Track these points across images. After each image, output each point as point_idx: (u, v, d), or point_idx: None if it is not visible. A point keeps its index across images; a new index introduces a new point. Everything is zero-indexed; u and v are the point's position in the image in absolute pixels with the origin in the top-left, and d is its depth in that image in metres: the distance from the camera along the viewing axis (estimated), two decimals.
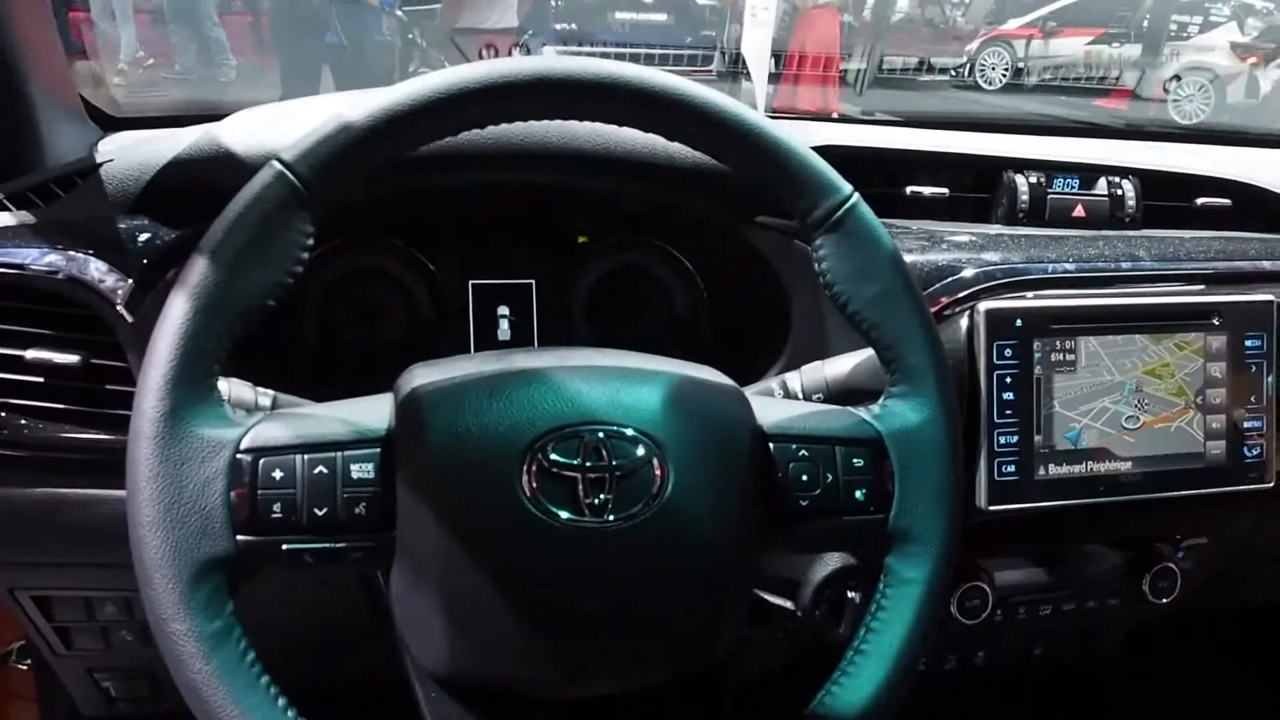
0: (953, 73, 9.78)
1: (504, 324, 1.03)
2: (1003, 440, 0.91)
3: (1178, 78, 8.63)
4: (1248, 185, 1.09)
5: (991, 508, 0.91)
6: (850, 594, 0.95)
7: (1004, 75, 9.81)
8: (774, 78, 6.84)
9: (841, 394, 0.82)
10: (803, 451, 0.70)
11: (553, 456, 0.62)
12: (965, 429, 0.90)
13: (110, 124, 1.09)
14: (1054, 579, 1.05)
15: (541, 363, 0.67)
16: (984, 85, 9.56)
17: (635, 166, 0.87)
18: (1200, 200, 1.08)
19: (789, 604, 0.83)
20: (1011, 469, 0.92)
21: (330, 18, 5.89)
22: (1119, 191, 1.04)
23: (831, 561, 0.96)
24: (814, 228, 0.70)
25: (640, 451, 0.63)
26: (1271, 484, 0.99)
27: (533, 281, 1.03)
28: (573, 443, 0.63)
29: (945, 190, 1.00)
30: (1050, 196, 1.02)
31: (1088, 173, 1.04)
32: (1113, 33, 9.81)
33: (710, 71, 7.36)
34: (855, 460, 0.70)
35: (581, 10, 7.75)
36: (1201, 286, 0.99)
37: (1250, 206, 1.10)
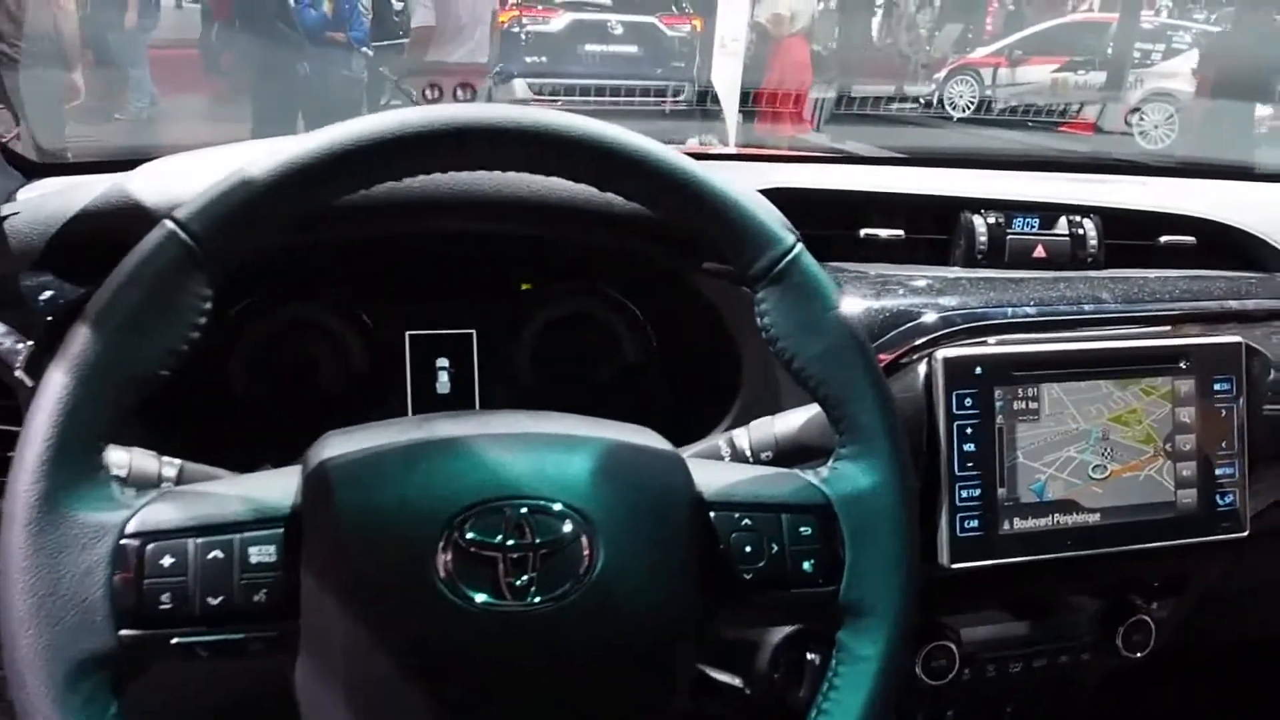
0: (921, 101, 9.86)
1: (443, 376, 0.98)
2: (965, 494, 0.87)
3: (1138, 110, 8.72)
4: (1211, 222, 1.06)
5: (955, 565, 0.87)
6: (810, 656, 0.91)
7: (971, 104, 9.90)
8: (748, 114, 6.87)
9: (792, 451, 0.77)
10: (746, 520, 0.65)
11: (470, 535, 0.57)
12: (925, 482, 0.86)
13: (34, 170, 1.04)
14: (1024, 635, 1.00)
15: (464, 430, 0.63)
16: (951, 114, 9.63)
17: (571, 214, 0.82)
18: (1164, 238, 1.05)
19: (737, 681, 0.78)
20: (975, 524, 0.88)
21: (298, 53, 5.86)
22: (1080, 231, 1.01)
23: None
24: (755, 280, 0.66)
25: (567, 527, 0.59)
26: (1246, 533, 0.95)
27: (473, 332, 0.99)
28: (494, 519, 0.58)
29: (901, 232, 0.96)
30: (1010, 237, 0.99)
31: (1048, 212, 1.01)
32: (1078, 60, 9.93)
33: (681, 103, 7.37)
34: (802, 528, 0.66)
35: (551, 43, 7.75)
36: (1168, 328, 0.96)
37: (1215, 244, 1.07)
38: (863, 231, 0.95)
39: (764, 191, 0.92)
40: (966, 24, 12.14)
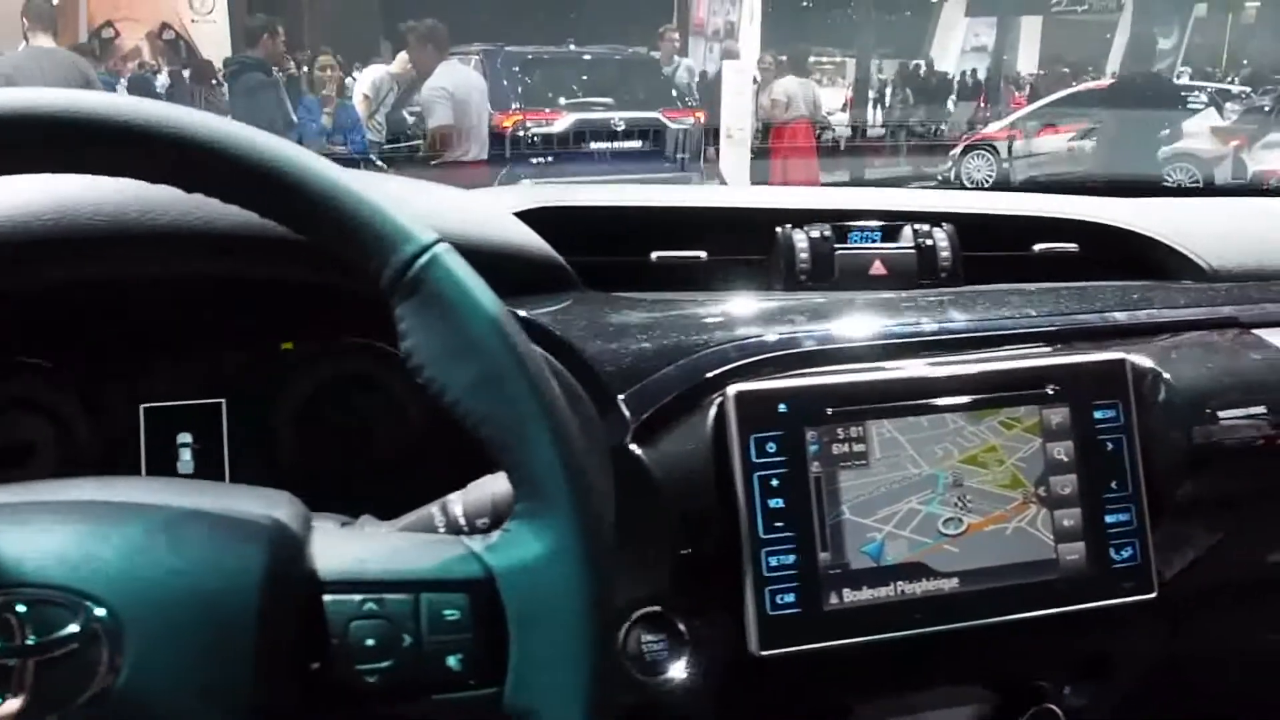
0: (938, 179, 9.79)
1: (186, 454, 0.84)
2: (775, 561, 0.70)
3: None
4: (1098, 225, 0.90)
5: (766, 653, 0.70)
6: None
7: (989, 178, 9.81)
8: None
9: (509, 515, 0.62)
10: (370, 604, 0.49)
11: None
12: (723, 550, 0.70)
13: None
14: None
15: (11, 497, 0.49)
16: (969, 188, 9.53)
17: (238, 243, 0.68)
18: (1040, 246, 0.89)
19: None
20: (791, 599, 0.71)
21: None
22: (928, 242, 0.85)
23: None
24: (389, 294, 0.52)
25: (73, 626, 0.44)
26: (1153, 594, 0.77)
27: (223, 401, 0.85)
28: None
29: (702, 254, 0.81)
30: (839, 253, 0.83)
31: (890, 221, 0.85)
32: (1094, 127, 9.83)
33: None
34: (447, 612, 0.50)
35: (557, 143, 7.81)
36: (1035, 348, 0.79)
37: (1107, 253, 0.91)
38: (655, 255, 0.81)
39: (526, 212, 0.78)
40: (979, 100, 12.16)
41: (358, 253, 0.52)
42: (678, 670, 0.71)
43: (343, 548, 0.52)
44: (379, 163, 6.98)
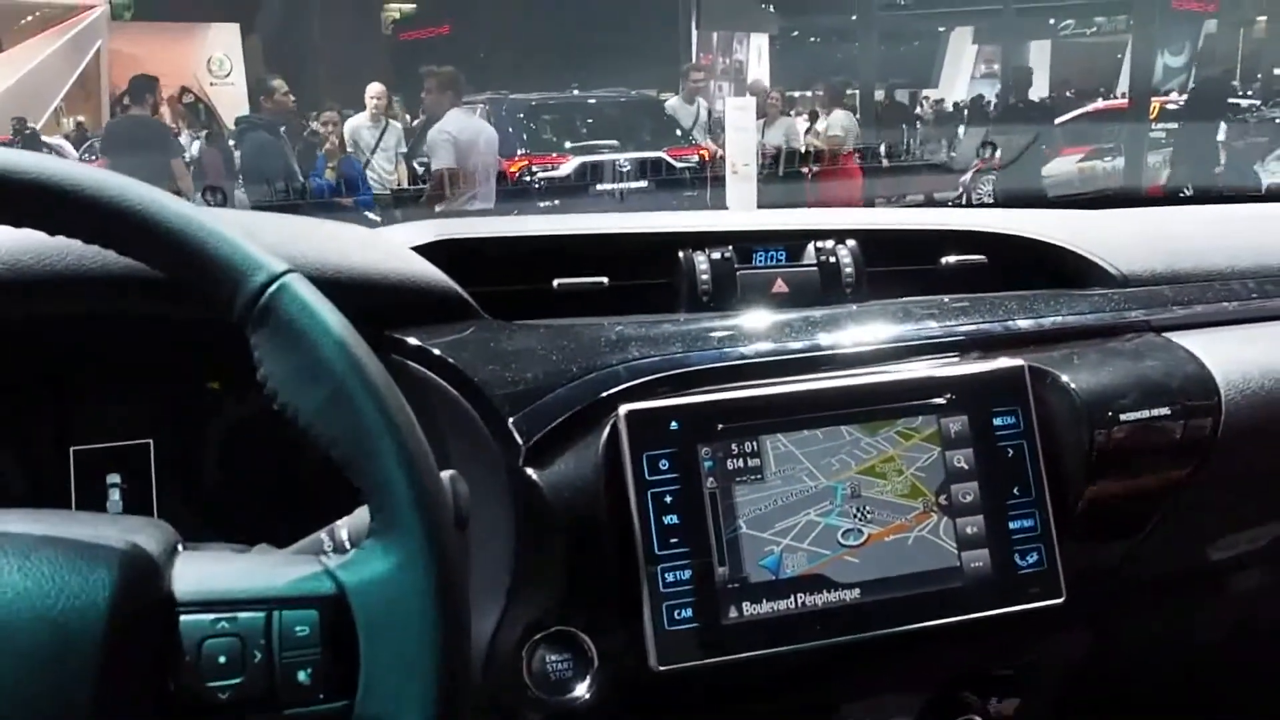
0: (949, 204, 9.78)
1: (115, 494, 0.86)
2: (672, 577, 0.71)
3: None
4: (1003, 236, 0.91)
5: (664, 667, 0.70)
6: None
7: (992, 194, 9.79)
8: None
9: None
10: (222, 623, 0.51)
11: None
12: (621, 567, 0.71)
13: None
14: None
15: None
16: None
17: (136, 284, 0.71)
18: (948, 259, 0.91)
19: None
20: (688, 613, 0.71)
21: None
22: (831, 259, 0.87)
23: None
24: (242, 325, 0.54)
25: None
26: (1062, 599, 0.77)
27: (150, 442, 0.87)
28: None
29: (604, 279, 0.83)
30: (740, 273, 0.85)
31: (793, 241, 0.87)
32: (1103, 148, 9.82)
33: None
34: (299, 628, 0.51)
35: (562, 187, 7.89)
36: (935, 359, 0.80)
37: (1011, 262, 0.92)
38: (557, 282, 0.83)
39: (425, 246, 0.81)
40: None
41: (212, 285, 0.54)
42: (582, 689, 0.72)
43: (200, 569, 0.53)
44: (369, 215, 7.04)
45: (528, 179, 7.52)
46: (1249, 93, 11.49)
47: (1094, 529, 0.80)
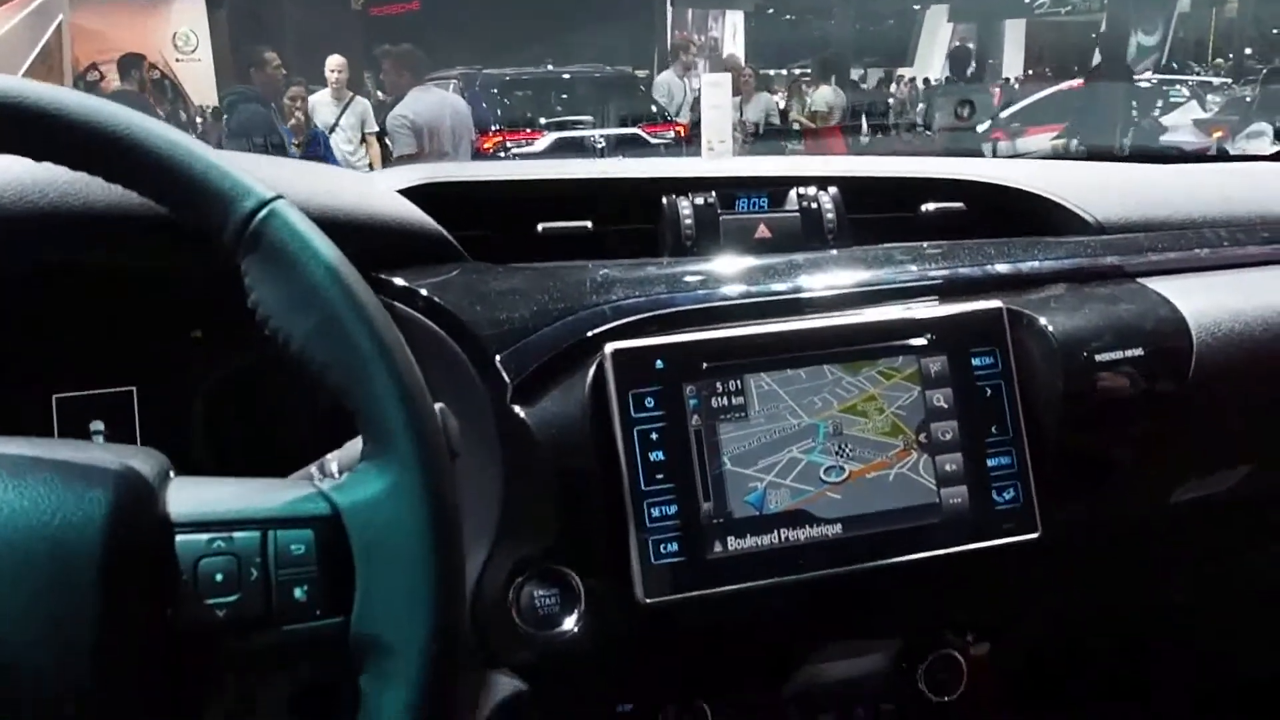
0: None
1: (98, 441, 0.86)
2: (657, 512, 0.73)
3: None
4: (982, 184, 0.93)
5: (651, 600, 0.72)
6: None
7: None
8: None
9: None
10: (218, 542, 0.52)
11: None
12: (608, 504, 0.72)
13: None
14: (806, 688, 0.83)
15: None
16: None
17: (120, 223, 0.71)
18: (927, 206, 0.92)
19: None
20: (674, 548, 0.73)
21: None
22: (813, 205, 0.88)
23: (499, 690, 0.76)
24: (232, 251, 0.55)
25: None
26: (1038, 534, 0.79)
27: (133, 389, 0.87)
28: None
29: (587, 224, 0.84)
30: (723, 219, 0.86)
31: (776, 187, 0.88)
32: (1077, 126, 9.88)
33: None
34: (294, 547, 0.52)
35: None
36: (913, 301, 0.82)
37: (990, 210, 0.93)
38: (541, 226, 0.83)
39: (411, 189, 0.81)
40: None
41: (202, 210, 0.54)
42: (570, 623, 0.73)
43: (193, 492, 0.54)
44: None
45: (502, 155, 7.48)
46: (1220, 71, 11.60)
47: (1070, 468, 0.81)
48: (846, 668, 0.83)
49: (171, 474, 0.55)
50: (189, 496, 0.53)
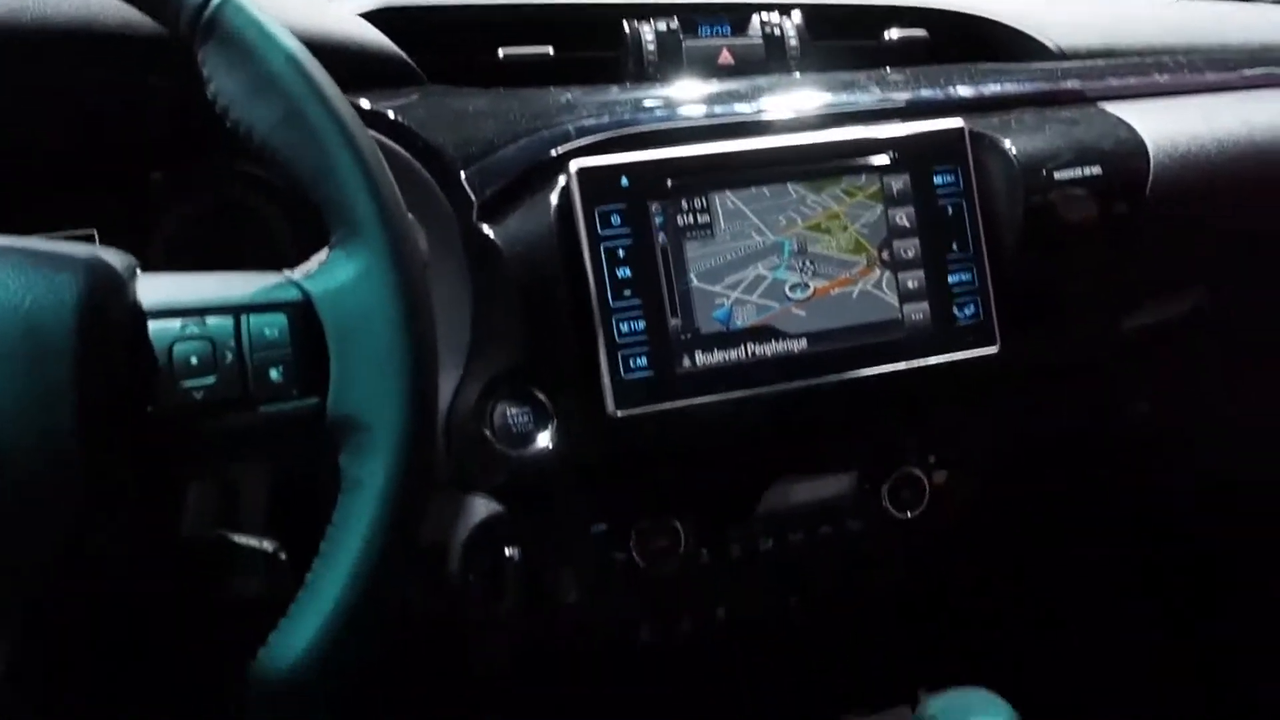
0: None
1: None
2: (626, 328, 0.74)
3: None
4: (944, 11, 0.92)
5: (623, 412, 0.73)
6: (508, 552, 0.77)
7: None
8: None
9: None
10: (191, 327, 0.52)
11: None
12: (577, 321, 0.73)
13: None
14: (770, 506, 0.86)
15: None
16: None
17: (74, 39, 0.69)
18: (890, 33, 0.92)
19: (266, 545, 0.63)
20: (643, 362, 0.74)
21: None
22: (776, 31, 0.87)
23: (477, 512, 0.78)
24: (189, 39, 0.54)
25: None
26: (996, 348, 0.81)
27: (94, 231, 0.86)
28: None
29: (549, 49, 0.83)
30: (686, 45, 0.85)
31: (738, 13, 0.87)
32: None
33: None
34: (268, 330, 0.53)
35: None
36: (875, 122, 0.82)
37: (956, 40, 0.93)
38: (502, 52, 0.82)
39: (372, 13, 0.80)
40: None
41: (155, 4, 0.53)
42: (544, 439, 0.74)
43: (163, 283, 0.54)
44: None
45: None
46: None
47: (1029, 286, 0.83)
48: (814, 488, 0.86)
49: (139, 271, 0.55)
50: (158, 286, 0.54)
